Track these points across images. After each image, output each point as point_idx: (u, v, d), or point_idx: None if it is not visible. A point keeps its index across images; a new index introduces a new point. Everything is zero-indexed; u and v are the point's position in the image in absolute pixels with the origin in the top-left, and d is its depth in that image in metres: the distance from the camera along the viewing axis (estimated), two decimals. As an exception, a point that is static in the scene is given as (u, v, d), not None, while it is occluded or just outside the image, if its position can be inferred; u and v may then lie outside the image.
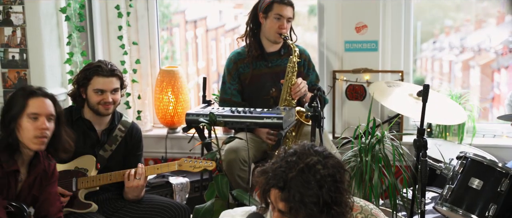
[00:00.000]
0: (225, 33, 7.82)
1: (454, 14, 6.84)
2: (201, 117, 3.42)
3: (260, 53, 3.91)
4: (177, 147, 4.61)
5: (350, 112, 4.34)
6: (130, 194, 3.40)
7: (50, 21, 4.08)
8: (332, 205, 2.15)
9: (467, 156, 3.27)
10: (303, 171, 2.13)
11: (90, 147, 3.49)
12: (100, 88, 3.43)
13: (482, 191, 3.15)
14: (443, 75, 7.30)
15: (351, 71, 4.27)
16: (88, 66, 3.49)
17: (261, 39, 3.94)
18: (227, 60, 3.99)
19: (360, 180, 3.36)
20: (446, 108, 3.86)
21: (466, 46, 7.00)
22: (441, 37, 7.23)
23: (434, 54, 7.46)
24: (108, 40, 4.56)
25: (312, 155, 2.17)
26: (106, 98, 3.44)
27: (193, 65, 6.76)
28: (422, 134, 3.24)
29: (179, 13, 6.56)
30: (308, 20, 6.01)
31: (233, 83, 3.93)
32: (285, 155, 2.20)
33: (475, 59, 6.90)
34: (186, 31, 6.88)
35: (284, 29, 3.82)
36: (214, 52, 7.63)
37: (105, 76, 3.43)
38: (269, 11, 3.83)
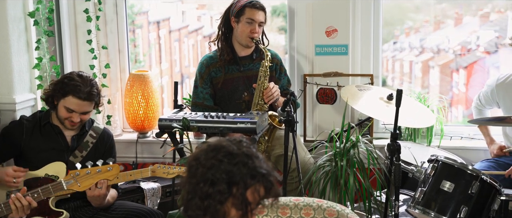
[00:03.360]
0: (188, 34, 7.79)
1: (414, 15, 6.96)
2: (174, 122, 3.40)
3: (232, 58, 3.91)
4: (147, 151, 4.58)
5: (321, 116, 4.38)
6: (93, 203, 3.35)
7: (18, 26, 3.99)
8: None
9: (439, 159, 3.34)
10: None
11: (59, 152, 3.44)
12: (70, 108, 3.38)
13: (453, 193, 3.22)
14: (403, 76, 7.42)
15: (322, 75, 4.31)
16: (69, 80, 3.40)
17: (233, 43, 3.94)
18: (199, 64, 3.97)
19: (335, 184, 3.40)
20: (415, 111, 3.92)
21: (425, 46, 7.13)
22: (401, 38, 7.35)
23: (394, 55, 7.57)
24: (77, 45, 4.49)
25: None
26: (74, 118, 3.41)
27: (156, 66, 6.71)
28: (396, 138, 3.30)
29: (142, 14, 6.51)
30: (271, 21, 6.04)
31: (205, 87, 3.92)
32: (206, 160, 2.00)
33: (434, 59, 7.03)
34: (149, 32, 6.83)
35: (256, 33, 3.83)
36: (177, 53, 7.59)
37: (81, 99, 3.37)
38: (241, 15, 3.83)
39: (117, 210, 3.50)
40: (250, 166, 1.96)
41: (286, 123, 3.46)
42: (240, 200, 1.93)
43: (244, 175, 1.93)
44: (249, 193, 1.94)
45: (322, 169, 3.45)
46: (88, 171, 3.20)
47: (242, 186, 1.93)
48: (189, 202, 2.00)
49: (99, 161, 3.22)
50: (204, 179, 1.95)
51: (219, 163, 1.95)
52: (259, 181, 1.96)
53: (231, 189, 1.93)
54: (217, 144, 2.02)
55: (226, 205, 1.95)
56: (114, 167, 3.24)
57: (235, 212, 1.95)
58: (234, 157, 1.97)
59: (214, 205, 1.94)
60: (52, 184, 3.20)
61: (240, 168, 1.95)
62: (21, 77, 4.05)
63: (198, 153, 2.03)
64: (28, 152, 3.44)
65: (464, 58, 6.60)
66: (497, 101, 3.91)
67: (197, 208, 1.97)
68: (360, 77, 4.32)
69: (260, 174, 1.96)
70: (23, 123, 3.49)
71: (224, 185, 1.92)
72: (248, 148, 2.02)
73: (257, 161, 2.00)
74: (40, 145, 3.45)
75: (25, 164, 3.43)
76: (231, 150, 1.98)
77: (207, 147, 2.03)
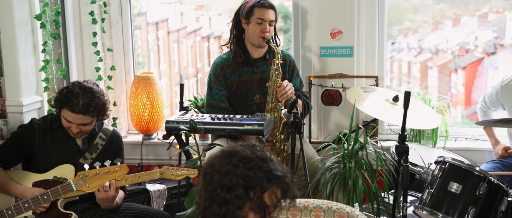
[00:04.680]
0: (187, 35, 7.80)
1: (412, 16, 6.99)
2: (181, 124, 3.41)
3: (246, 59, 3.90)
4: (152, 153, 4.58)
5: (326, 117, 4.39)
6: (102, 205, 3.37)
7: (25, 29, 3.99)
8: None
9: (446, 160, 3.36)
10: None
11: (69, 155, 3.44)
12: (67, 119, 3.39)
13: (461, 194, 3.24)
14: (402, 76, 7.45)
15: (327, 77, 4.32)
16: (67, 91, 3.37)
17: (246, 45, 3.92)
18: (213, 65, 3.95)
19: (344, 185, 3.41)
20: (420, 112, 3.94)
21: (423, 47, 7.16)
22: (400, 39, 7.37)
23: (393, 55, 7.59)
24: (82, 47, 4.49)
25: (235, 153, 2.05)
26: (72, 129, 3.41)
27: (155, 67, 6.72)
28: (404, 139, 3.31)
29: (140, 15, 6.51)
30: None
31: (220, 89, 3.90)
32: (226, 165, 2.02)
33: (432, 60, 7.06)
34: (148, 33, 6.83)
35: (267, 32, 3.81)
36: (176, 54, 7.60)
37: (75, 112, 3.35)
38: (251, 16, 3.83)
39: (125, 212, 3.51)
40: (265, 169, 1.98)
41: (292, 125, 3.47)
42: (258, 203, 1.95)
43: (260, 178, 1.95)
44: (266, 196, 1.96)
45: (330, 170, 3.46)
46: (96, 172, 3.21)
47: (259, 189, 1.95)
48: (206, 209, 2.02)
49: (107, 161, 3.23)
50: (221, 185, 1.97)
51: (235, 168, 1.97)
52: (276, 184, 1.98)
53: (249, 194, 1.94)
54: (231, 150, 2.04)
55: (244, 209, 1.96)
56: (122, 167, 3.25)
57: (253, 216, 1.96)
58: (249, 161, 1.98)
59: (232, 210, 1.95)
60: (61, 186, 3.21)
61: (256, 171, 1.96)
62: (28, 80, 4.05)
63: (212, 160, 2.04)
64: (39, 155, 3.45)
65: (462, 58, 6.63)
66: (502, 103, 3.93)
67: (215, 215, 1.98)
68: (365, 79, 4.34)
69: (276, 177, 1.98)
70: (34, 127, 3.48)
71: (241, 190, 1.94)
72: (262, 151, 2.04)
73: (272, 163, 2.01)
74: (51, 148, 3.45)
75: (34, 167, 3.44)
76: (246, 155, 2.00)
77: (221, 153, 2.04)
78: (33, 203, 3.19)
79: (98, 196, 3.29)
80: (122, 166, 3.25)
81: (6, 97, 4.00)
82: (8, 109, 4.00)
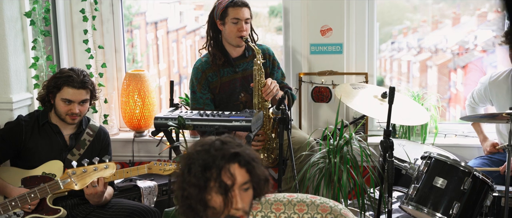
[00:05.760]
0: (186, 35, 7.80)
1: (411, 15, 6.98)
2: (170, 121, 3.43)
3: (226, 60, 3.89)
4: (144, 150, 4.60)
5: (316, 114, 4.41)
6: (91, 201, 3.38)
7: (15, 26, 4.02)
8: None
9: (431, 156, 3.37)
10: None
11: (57, 151, 3.46)
12: (68, 98, 3.42)
13: (446, 189, 3.25)
14: (401, 75, 7.44)
15: (317, 74, 4.34)
16: (60, 74, 3.46)
17: (224, 45, 3.91)
18: (194, 70, 3.93)
19: (329, 181, 3.42)
20: (409, 109, 3.95)
21: (423, 46, 7.15)
22: (399, 38, 7.37)
23: (392, 55, 7.60)
24: (73, 44, 4.52)
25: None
26: (73, 109, 3.43)
27: (154, 67, 6.73)
28: (389, 135, 3.33)
29: (139, 15, 6.53)
30: (269, 21, 6.06)
31: (204, 93, 3.89)
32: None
33: (432, 59, 7.06)
34: (147, 33, 6.85)
35: (244, 31, 3.79)
36: (175, 54, 7.61)
37: (75, 87, 3.41)
38: (226, 16, 3.80)
39: (114, 207, 3.52)
40: (222, 148, 1.97)
41: (280, 121, 3.48)
42: (218, 183, 1.94)
43: (215, 156, 1.95)
44: (224, 174, 1.94)
45: (316, 165, 3.47)
46: (84, 170, 3.22)
47: (216, 169, 1.94)
48: (177, 198, 2.03)
49: (95, 158, 3.25)
50: (184, 169, 1.99)
51: (197, 152, 1.98)
52: (232, 161, 1.96)
53: (206, 173, 1.93)
54: (202, 140, 2.05)
55: (210, 193, 1.96)
56: (110, 165, 3.26)
57: (218, 198, 1.96)
58: (210, 145, 1.99)
59: (196, 193, 1.95)
60: (49, 184, 3.22)
61: (212, 151, 1.96)
62: (18, 77, 4.08)
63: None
64: (27, 152, 3.46)
65: (462, 57, 6.62)
66: (490, 98, 3.94)
67: (184, 201, 2.00)
68: (354, 76, 4.35)
69: (232, 154, 1.96)
70: (21, 123, 3.49)
71: (199, 169, 1.94)
72: (230, 138, 2.04)
73: (232, 145, 2.00)
74: (38, 144, 3.46)
75: (23, 163, 3.45)
76: (210, 141, 2.01)
77: (193, 144, 2.06)
78: (20, 202, 3.20)
79: (86, 192, 3.30)
80: (110, 164, 3.27)
81: (-4, 94, 4.04)
82: (-2, 106, 4.04)
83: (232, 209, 1.95)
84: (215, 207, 1.95)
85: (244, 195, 1.98)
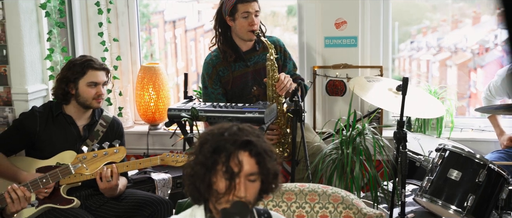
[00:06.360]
0: (204, 34, 7.82)
1: (431, 15, 6.93)
2: (183, 112, 3.43)
3: (237, 55, 3.87)
4: (158, 143, 4.62)
5: (330, 108, 4.38)
6: (106, 194, 3.40)
7: (30, 17, 4.05)
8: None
9: (446, 148, 3.32)
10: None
11: (71, 142, 3.47)
12: (94, 81, 3.45)
13: (460, 182, 3.21)
14: (421, 75, 7.39)
15: (331, 67, 4.31)
16: (77, 61, 3.50)
17: (235, 40, 3.87)
18: (205, 65, 3.91)
19: (342, 172, 3.40)
20: (424, 102, 3.91)
21: (443, 46, 7.10)
22: (419, 37, 7.33)
23: (411, 54, 7.56)
24: (88, 37, 4.55)
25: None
26: (100, 91, 3.48)
27: (172, 65, 6.76)
28: (402, 126, 3.29)
29: (157, 14, 6.56)
30: (287, 20, 6.05)
31: (215, 88, 3.87)
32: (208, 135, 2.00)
33: (452, 58, 7.00)
34: (165, 31, 6.88)
35: (254, 25, 3.75)
36: (193, 53, 7.63)
37: (98, 69, 3.48)
38: (235, 12, 3.76)
39: (127, 198, 3.53)
40: (238, 134, 1.94)
41: (293, 113, 3.47)
42: (225, 168, 1.92)
43: (227, 141, 1.93)
44: (232, 160, 1.91)
45: (329, 156, 3.45)
46: (94, 154, 3.23)
47: (225, 153, 1.92)
48: (185, 176, 2.02)
49: (105, 143, 3.26)
50: (197, 147, 1.97)
51: (212, 134, 1.97)
52: (243, 148, 1.93)
53: (215, 155, 1.91)
54: (222, 124, 2.04)
55: (215, 176, 1.94)
56: (121, 150, 3.27)
57: (223, 182, 1.94)
58: (227, 129, 1.97)
59: (202, 173, 1.94)
60: (60, 169, 3.23)
61: (225, 136, 1.94)
62: (33, 68, 4.11)
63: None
64: (41, 142, 3.47)
65: (482, 57, 6.56)
66: (507, 91, 3.88)
67: (188, 178, 1.99)
68: (369, 69, 4.32)
69: (244, 142, 1.92)
70: (35, 114, 3.51)
71: (210, 149, 1.92)
72: (249, 127, 2.02)
73: (249, 133, 1.96)
74: (53, 135, 3.48)
75: (37, 154, 3.47)
76: (229, 125, 1.98)
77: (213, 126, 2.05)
78: (32, 186, 3.22)
79: (101, 186, 3.31)
80: (120, 148, 3.27)
81: (12, 85, 4.07)
82: (14, 97, 4.06)
83: (234, 196, 1.92)
84: (218, 191, 1.93)
85: (249, 186, 1.94)
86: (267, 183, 1.99)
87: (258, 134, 1.99)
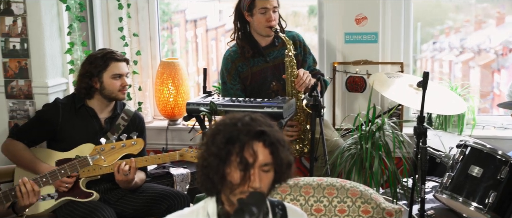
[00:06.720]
0: (225, 33, 7.81)
1: (454, 15, 6.86)
2: (201, 106, 3.43)
3: (255, 51, 3.85)
4: (177, 138, 4.62)
5: (350, 104, 4.35)
6: (121, 185, 3.42)
7: (51, 11, 4.09)
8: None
9: (467, 144, 3.28)
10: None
11: (92, 134, 3.48)
12: (118, 73, 3.48)
13: (482, 178, 3.16)
14: (443, 76, 7.31)
15: (351, 63, 4.28)
16: (98, 55, 3.52)
17: (254, 35, 3.85)
18: (224, 60, 3.90)
19: (360, 167, 3.36)
20: (446, 99, 3.86)
21: (466, 46, 7.02)
22: (441, 38, 7.25)
23: (434, 55, 7.47)
24: (109, 31, 4.57)
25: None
26: (124, 82, 3.52)
27: (193, 65, 6.76)
28: (422, 121, 3.25)
29: (179, 13, 6.57)
30: (308, 20, 6.02)
31: (234, 83, 3.86)
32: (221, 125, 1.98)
33: (475, 59, 6.92)
34: (186, 30, 6.89)
35: (272, 21, 3.73)
36: (214, 52, 7.64)
37: (120, 60, 3.52)
38: (253, 8, 3.75)
39: (145, 192, 3.54)
40: (251, 124, 1.92)
41: (312, 108, 3.44)
42: (239, 158, 1.90)
43: (241, 131, 1.90)
44: (246, 151, 1.90)
45: (348, 151, 3.42)
46: (112, 146, 3.24)
47: (239, 143, 1.90)
48: (198, 168, 2.01)
49: (123, 135, 3.26)
50: (209, 138, 1.95)
51: (224, 124, 1.95)
52: (257, 139, 1.91)
53: (228, 146, 1.89)
54: (233, 114, 2.02)
55: (229, 167, 1.93)
56: (138, 142, 3.28)
57: (237, 174, 1.92)
58: (239, 119, 1.95)
59: (215, 164, 1.92)
60: (78, 160, 3.24)
61: (239, 126, 1.92)
62: (54, 62, 4.14)
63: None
64: (62, 134, 3.49)
65: (505, 58, 6.48)
66: None
67: (201, 169, 1.97)
68: (390, 65, 4.27)
69: (258, 132, 1.91)
70: (58, 105, 3.53)
71: (223, 140, 1.90)
72: (261, 117, 2.00)
73: (262, 123, 1.95)
74: (74, 128, 3.50)
75: (58, 145, 3.49)
76: (241, 116, 1.97)
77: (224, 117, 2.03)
78: (50, 177, 3.23)
79: (117, 178, 3.33)
80: (138, 140, 3.28)
81: (32, 78, 4.11)
82: (34, 90, 4.10)
83: (249, 187, 1.91)
84: (232, 182, 1.91)
85: (263, 176, 1.93)
86: (280, 173, 1.98)
87: (270, 124, 1.98)
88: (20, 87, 4.19)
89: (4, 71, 4.20)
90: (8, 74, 4.21)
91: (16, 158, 3.48)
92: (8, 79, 4.21)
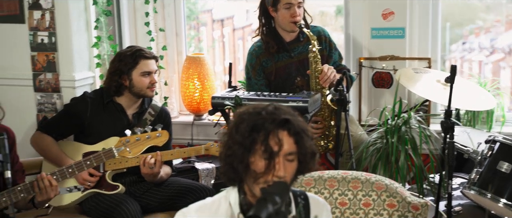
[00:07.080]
0: (252, 33, 7.81)
1: (484, 15, 6.76)
2: (226, 100, 3.43)
3: (280, 47, 3.83)
4: (203, 133, 4.62)
5: (376, 100, 4.30)
6: (146, 178, 3.45)
7: (78, 5, 4.14)
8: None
9: (496, 139, 3.21)
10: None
11: (120, 129, 3.49)
12: (147, 70, 3.50)
13: (511, 174, 3.09)
14: (473, 76, 7.21)
15: (378, 59, 4.23)
16: (127, 52, 3.54)
17: (278, 30, 3.84)
18: (249, 56, 3.89)
19: (386, 161, 3.33)
20: (474, 95, 3.80)
21: (496, 47, 6.91)
22: (471, 38, 7.15)
23: (463, 55, 7.37)
24: (135, 26, 4.59)
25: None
26: (154, 80, 3.54)
27: (220, 64, 6.78)
28: (450, 115, 3.19)
29: (206, 12, 6.58)
30: (335, 20, 5.99)
31: (259, 79, 3.85)
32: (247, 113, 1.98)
33: (505, 60, 6.82)
34: (213, 30, 6.90)
35: (297, 16, 3.71)
36: (241, 51, 7.64)
37: (149, 58, 3.53)
38: (278, 3, 3.72)
39: (170, 186, 3.56)
40: (275, 113, 1.91)
41: (338, 102, 3.42)
42: (264, 147, 1.88)
43: (265, 119, 1.89)
44: (272, 139, 1.88)
45: (373, 146, 3.38)
46: (137, 138, 3.25)
47: (264, 131, 1.88)
48: (221, 157, 2.00)
49: (148, 127, 3.27)
50: (232, 127, 1.95)
51: (248, 113, 1.94)
52: (282, 127, 1.89)
53: (253, 134, 1.88)
54: (255, 104, 2.01)
55: (254, 155, 1.91)
56: (163, 133, 3.29)
57: (261, 162, 1.91)
58: (263, 108, 1.94)
59: (240, 153, 1.90)
60: (103, 151, 3.26)
61: (263, 114, 1.91)
62: (81, 56, 4.18)
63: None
64: (90, 128, 3.53)
65: (537, 59, 6.37)
66: None
67: (225, 158, 1.96)
68: (417, 61, 4.21)
69: (283, 120, 1.89)
70: (87, 100, 3.56)
71: (247, 129, 1.89)
72: (284, 106, 1.99)
73: (285, 112, 1.93)
74: (102, 122, 3.53)
75: (85, 139, 3.53)
76: (264, 105, 1.96)
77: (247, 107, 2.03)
78: (76, 168, 3.25)
79: (142, 171, 3.35)
80: (163, 132, 3.29)
81: (60, 72, 4.16)
82: (62, 84, 4.15)
83: (273, 176, 1.89)
84: (256, 171, 1.90)
85: (287, 165, 1.92)
86: (304, 162, 1.96)
87: (294, 113, 1.97)
88: (47, 80, 4.24)
89: (32, 65, 4.26)
90: (36, 68, 4.26)
91: (44, 152, 3.52)
92: (37, 72, 4.27)
